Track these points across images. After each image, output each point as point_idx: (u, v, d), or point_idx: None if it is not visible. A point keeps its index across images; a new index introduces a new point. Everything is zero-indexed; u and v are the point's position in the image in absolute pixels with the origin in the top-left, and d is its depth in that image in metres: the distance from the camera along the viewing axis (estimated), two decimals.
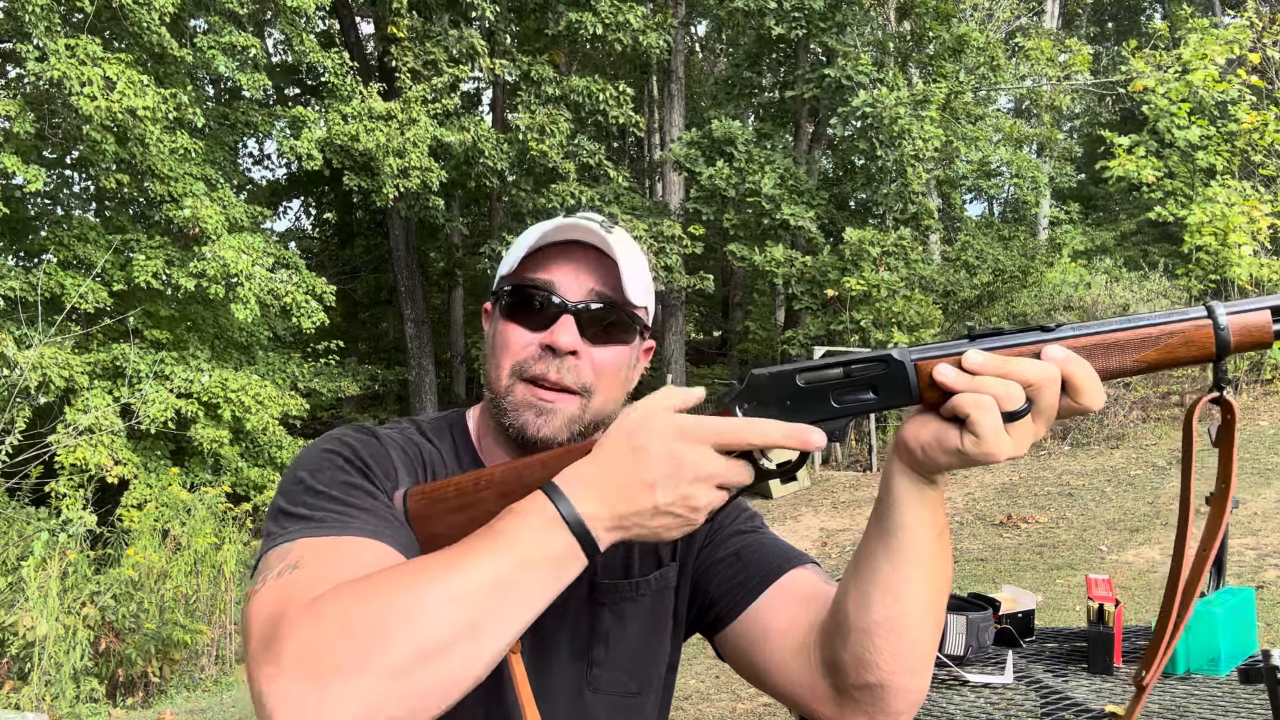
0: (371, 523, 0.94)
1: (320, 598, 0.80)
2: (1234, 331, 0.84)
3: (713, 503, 0.85)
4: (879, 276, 13.57)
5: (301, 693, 0.75)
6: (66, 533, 6.50)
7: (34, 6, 9.22)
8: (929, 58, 15.83)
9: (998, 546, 8.56)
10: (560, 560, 0.83)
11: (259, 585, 0.88)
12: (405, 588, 0.79)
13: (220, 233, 10.65)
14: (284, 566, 0.88)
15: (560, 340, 1.06)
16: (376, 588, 0.80)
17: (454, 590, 0.79)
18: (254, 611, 0.85)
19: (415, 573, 0.81)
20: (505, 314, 1.10)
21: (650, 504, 0.84)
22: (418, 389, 16.10)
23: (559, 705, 1.10)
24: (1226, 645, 2.41)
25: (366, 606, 0.78)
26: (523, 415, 1.07)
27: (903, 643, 0.95)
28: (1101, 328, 0.85)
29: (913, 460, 0.88)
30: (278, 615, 0.81)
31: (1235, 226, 12.02)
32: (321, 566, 0.87)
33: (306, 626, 0.78)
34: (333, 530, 0.92)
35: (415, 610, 0.78)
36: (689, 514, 0.85)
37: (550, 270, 1.08)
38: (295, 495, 0.98)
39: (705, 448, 0.84)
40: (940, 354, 0.85)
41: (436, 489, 0.99)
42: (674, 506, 0.84)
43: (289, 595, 0.83)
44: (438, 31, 14.00)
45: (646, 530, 0.85)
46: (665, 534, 0.86)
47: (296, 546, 0.90)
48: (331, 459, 1.02)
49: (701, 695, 5.50)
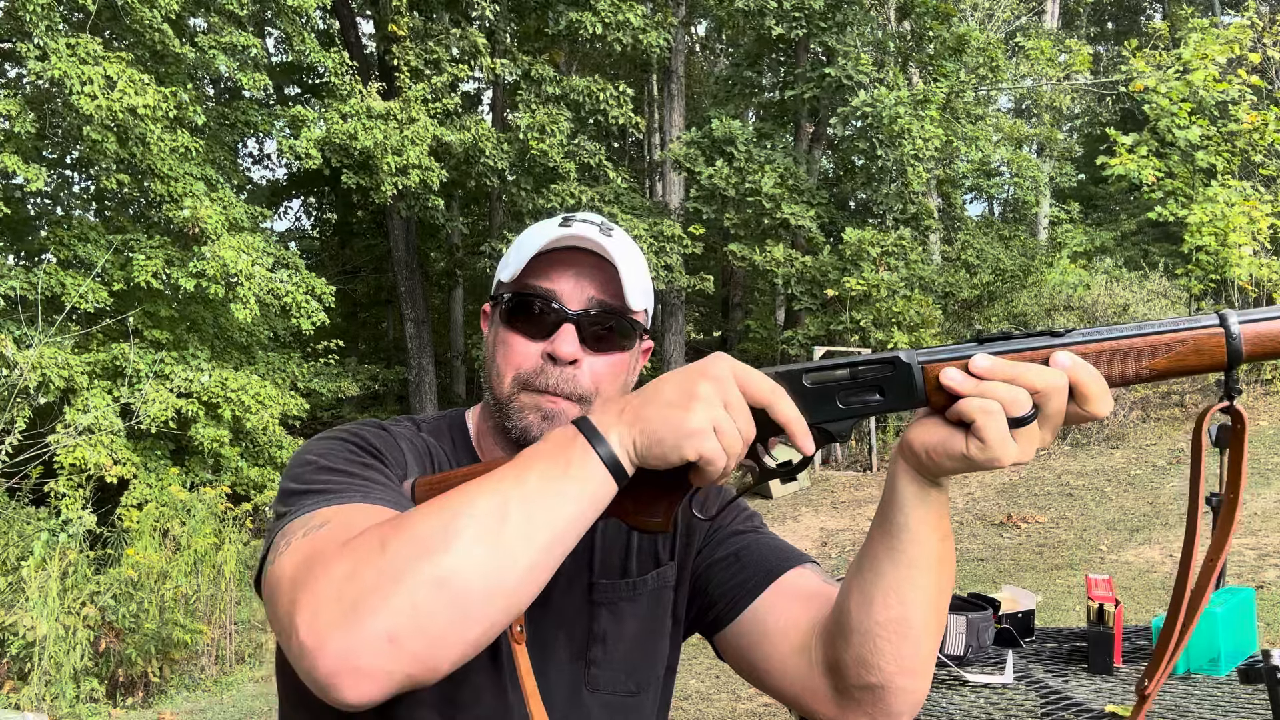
0: (391, 494, 0.95)
1: (356, 536, 0.80)
2: (1246, 341, 0.83)
3: (713, 414, 0.81)
4: (879, 276, 13.57)
5: (332, 618, 0.75)
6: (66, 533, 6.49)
7: (35, 6, 9.21)
8: (929, 57, 15.82)
9: (998, 546, 8.56)
10: (582, 470, 0.82)
11: (283, 549, 0.86)
12: (438, 510, 0.80)
13: (220, 233, 10.65)
14: (310, 527, 0.87)
15: (562, 350, 1.06)
16: (413, 515, 0.80)
17: (486, 505, 0.79)
18: (282, 568, 0.84)
19: (446, 497, 0.81)
20: (506, 321, 1.11)
21: (654, 393, 0.83)
22: (418, 389, 16.10)
23: (557, 705, 1.10)
24: (1226, 645, 2.41)
25: (402, 531, 0.78)
26: (527, 418, 1.08)
27: (905, 644, 0.94)
28: (1111, 334, 0.84)
29: (917, 463, 0.88)
30: (313, 557, 0.81)
31: (1235, 226, 12.02)
32: (351, 519, 0.86)
33: (343, 557, 0.78)
34: (354, 498, 0.92)
35: (448, 527, 0.78)
36: (685, 403, 0.81)
37: (551, 278, 1.08)
38: (306, 475, 0.97)
39: (728, 375, 0.83)
40: (948, 357, 0.84)
41: (444, 479, 1.00)
42: (674, 395, 0.82)
43: (322, 545, 0.83)
44: (438, 30, 14.01)
45: (649, 424, 0.82)
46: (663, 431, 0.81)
47: (320, 513, 0.90)
48: (343, 444, 1.03)
49: (701, 695, 5.50)
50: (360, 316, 20.31)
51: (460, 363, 18.16)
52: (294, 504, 0.94)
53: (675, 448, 0.81)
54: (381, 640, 0.74)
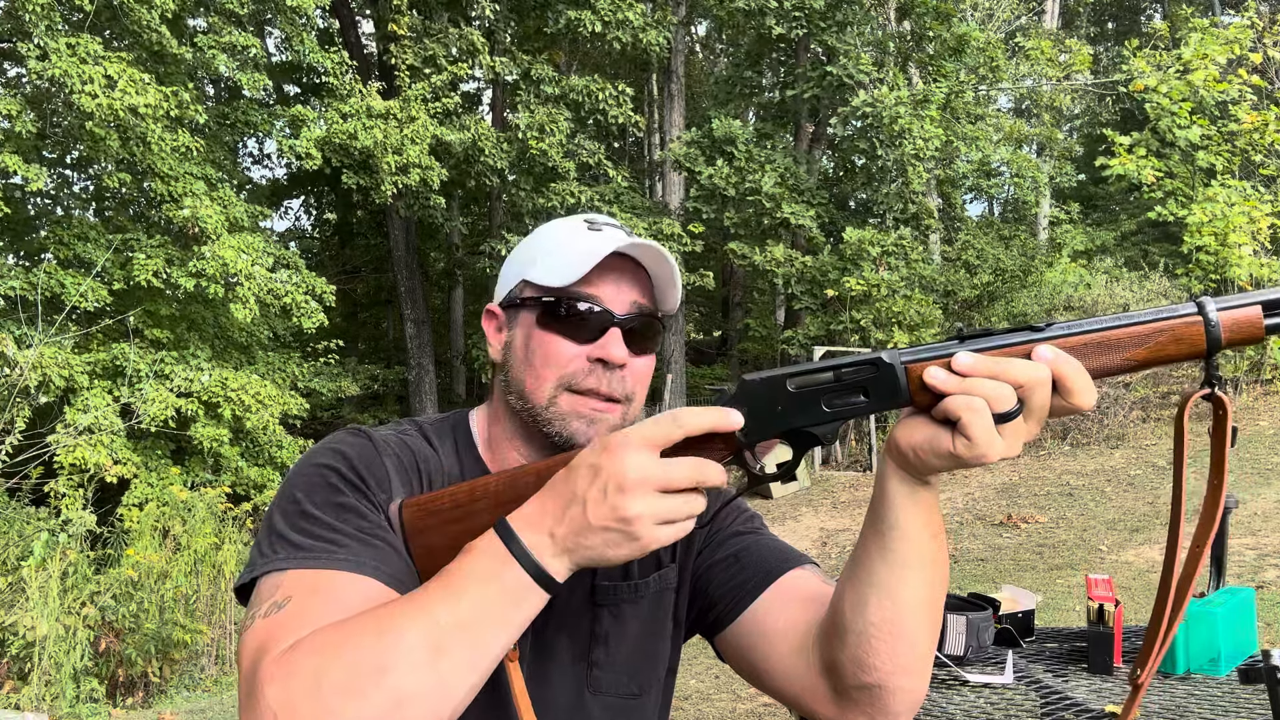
0: (358, 553, 0.94)
1: (295, 647, 0.83)
2: (1225, 327, 0.83)
3: (654, 513, 0.84)
4: (879, 276, 13.57)
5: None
6: (66, 533, 6.49)
7: (34, 5, 9.22)
8: (929, 57, 15.82)
9: (998, 546, 8.56)
10: (516, 595, 0.85)
11: (250, 621, 0.90)
12: (373, 639, 0.82)
13: (220, 232, 10.65)
14: (271, 605, 0.90)
15: (614, 354, 1.06)
16: (346, 640, 0.82)
17: (418, 638, 0.81)
18: (243, 648, 0.88)
19: (382, 622, 0.83)
20: (543, 324, 1.09)
21: (583, 521, 0.84)
22: (418, 389, 16.10)
23: (559, 707, 1.10)
24: (1226, 645, 2.41)
25: (336, 663, 0.81)
26: (571, 424, 1.07)
27: (900, 644, 0.95)
28: (1091, 326, 0.85)
29: (905, 463, 0.88)
30: (259, 656, 0.84)
31: (1235, 226, 12.01)
32: (305, 604, 0.88)
33: (279, 681, 0.81)
34: (320, 562, 0.93)
35: (382, 662, 0.80)
36: (624, 527, 0.84)
37: (594, 282, 1.07)
38: (290, 516, 0.98)
39: (628, 454, 0.84)
40: (930, 356, 0.85)
41: (432, 500, 0.99)
42: (607, 521, 0.84)
43: (271, 637, 0.86)
44: (438, 29, 14.01)
45: (592, 552, 0.85)
46: (612, 552, 0.85)
47: (286, 579, 0.92)
48: (325, 476, 1.01)
49: (701, 695, 5.50)
50: (360, 316, 20.31)
51: (460, 363, 18.16)
52: (273, 549, 0.96)
53: (635, 555, 0.86)
54: None
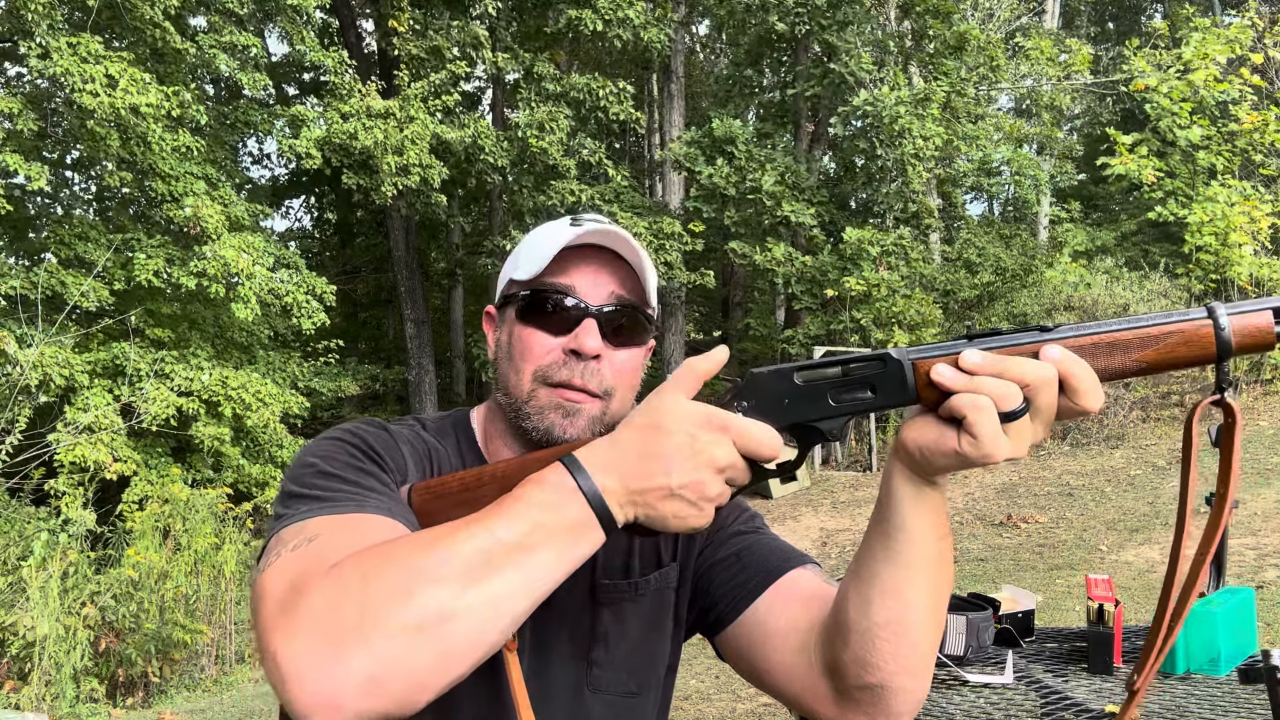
0: (386, 503, 0.95)
1: (340, 563, 0.80)
2: (1235, 333, 0.83)
3: (721, 496, 0.85)
4: (879, 276, 13.57)
5: (314, 652, 0.75)
6: (67, 532, 6.50)
7: (36, 4, 9.22)
8: (929, 56, 15.82)
9: (998, 546, 8.56)
10: (577, 529, 0.82)
11: (273, 559, 0.87)
12: (426, 550, 0.79)
13: (221, 232, 10.66)
14: (300, 540, 0.87)
15: (586, 344, 1.06)
16: (397, 549, 0.80)
17: (473, 551, 0.79)
18: (268, 582, 0.83)
19: (435, 535, 0.81)
20: (523, 318, 1.09)
21: (665, 483, 0.83)
22: (418, 389, 16.10)
23: (558, 705, 1.10)
24: (1226, 645, 2.41)
25: (387, 567, 0.78)
26: (549, 417, 1.07)
27: (903, 644, 0.94)
28: (1100, 328, 0.84)
29: (911, 462, 0.88)
30: (298, 580, 0.80)
31: (1236, 226, 12.02)
32: (339, 538, 0.86)
33: (325, 588, 0.78)
34: (348, 508, 0.92)
35: (435, 570, 0.77)
36: (699, 502, 0.84)
37: (569, 274, 1.08)
38: (306, 478, 0.97)
39: (725, 439, 0.84)
40: (938, 354, 0.84)
41: (441, 484, 1.00)
42: (686, 490, 0.83)
43: (307, 565, 0.83)
44: (439, 26, 14.01)
45: (657, 513, 0.84)
46: (674, 522, 0.84)
47: (312, 523, 0.90)
48: (343, 447, 1.02)
49: (701, 695, 5.50)
50: (360, 316, 20.31)
51: (460, 363, 18.16)
52: (291, 508, 0.94)
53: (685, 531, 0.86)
54: (363, 681, 0.74)
